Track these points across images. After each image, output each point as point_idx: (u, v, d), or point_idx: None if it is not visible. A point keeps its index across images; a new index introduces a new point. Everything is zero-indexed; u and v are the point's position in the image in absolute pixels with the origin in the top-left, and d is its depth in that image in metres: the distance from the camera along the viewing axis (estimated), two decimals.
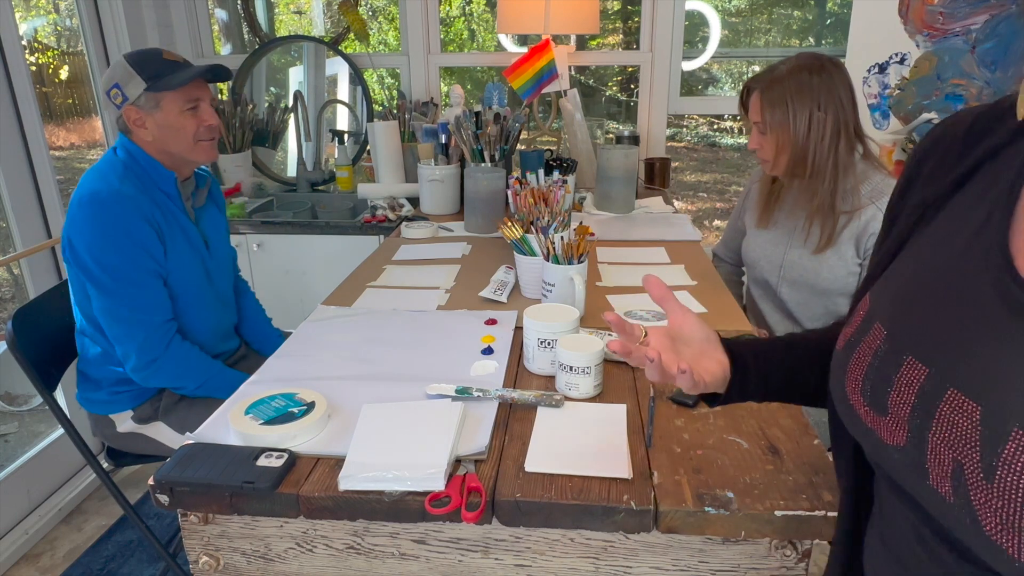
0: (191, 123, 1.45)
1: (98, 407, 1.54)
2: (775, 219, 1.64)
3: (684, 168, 6.67)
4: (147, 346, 1.41)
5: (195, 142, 1.47)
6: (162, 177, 1.47)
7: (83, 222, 1.37)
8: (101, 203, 1.37)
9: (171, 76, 1.41)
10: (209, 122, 1.48)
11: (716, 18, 3.02)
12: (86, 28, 2.39)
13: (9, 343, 1.41)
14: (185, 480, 0.87)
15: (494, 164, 2.18)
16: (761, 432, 0.96)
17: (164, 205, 1.47)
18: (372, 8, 4.84)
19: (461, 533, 0.88)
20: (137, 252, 1.39)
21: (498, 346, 1.25)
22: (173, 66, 1.43)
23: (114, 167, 1.43)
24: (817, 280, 1.53)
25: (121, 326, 1.41)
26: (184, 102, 1.43)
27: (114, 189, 1.38)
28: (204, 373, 1.49)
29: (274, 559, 0.92)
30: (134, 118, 1.43)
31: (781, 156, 1.48)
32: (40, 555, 2.02)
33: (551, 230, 1.38)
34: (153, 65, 1.42)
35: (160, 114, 1.43)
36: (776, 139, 1.46)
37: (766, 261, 1.63)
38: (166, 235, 1.45)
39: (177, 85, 1.41)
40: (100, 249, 1.36)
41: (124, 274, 1.38)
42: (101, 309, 1.41)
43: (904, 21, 2.27)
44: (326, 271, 2.35)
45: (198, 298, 1.55)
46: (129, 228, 1.38)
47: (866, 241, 1.47)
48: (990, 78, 2.27)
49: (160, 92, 1.41)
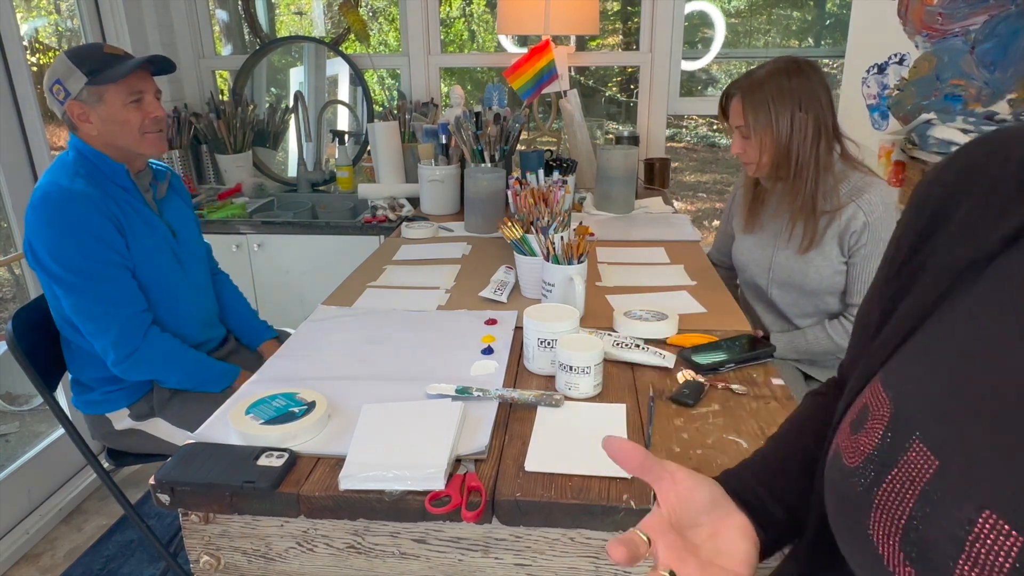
0: (135, 116, 1.43)
1: (93, 408, 1.54)
2: (760, 222, 1.65)
3: (684, 168, 6.67)
4: (123, 339, 1.41)
5: (141, 134, 1.45)
6: (113, 170, 1.46)
7: (38, 224, 1.36)
8: (52, 203, 1.36)
9: (111, 69, 1.40)
10: (154, 114, 1.46)
11: (721, 19, 3.02)
12: (87, 29, 2.39)
13: (9, 343, 1.42)
14: (186, 480, 0.87)
15: (494, 164, 2.18)
16: (761, 432, 0.97)
17: (120, 198, 1.46)
18: (372, 9, 4.85)
19: (461, 532, 0.88)
20: (97, 247, 1.38)
21: (498, 346, 1.25)
22: (114, 59, 1.41)
23: (64, 166, 1.43)
24: (805, 281, 1.54)
25: (93, 322, 1.40)
26: (127, 94, 1.42)
27: (64, 188, 1.37)
28: (188, 364, 1.48)
29: (275, 559, 0.93)
30: (78, 113, 1.42)
31: (765, 158, 1.50)
32: (40, 555, 2.02)
33: (551, 230, 1.38)
34: (94, 59, 1.40)
35: (103, 108, 1.41)
36: (759, 142, 1.48)
37: (755, 264, 1.64)
38: (126, 226, 1.44)
39: (118, 77, 1.40)
40: (59, 248, 1.36)
41: (87, 270, 1.37)
42: (72, 308, 1.40)
43: (903, 22, 2.27)
44: (326, 271, 2.36)
45: (172, 286, 1.54)
46: (85, 224, 1.37)
47: (848, 239, 1.48)
48: (989, 78, 2.28)
49: (102, 85, 1.40)
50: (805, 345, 1.56)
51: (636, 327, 1.27)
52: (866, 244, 1.47)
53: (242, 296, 1.85)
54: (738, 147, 1.53)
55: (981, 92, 2.29)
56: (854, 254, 1.49)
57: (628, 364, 1.18)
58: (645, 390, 1.09)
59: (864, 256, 1.48)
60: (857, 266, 1.49)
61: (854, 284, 1.51)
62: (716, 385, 1.10)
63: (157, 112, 1.47)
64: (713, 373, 1.14)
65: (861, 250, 1.48)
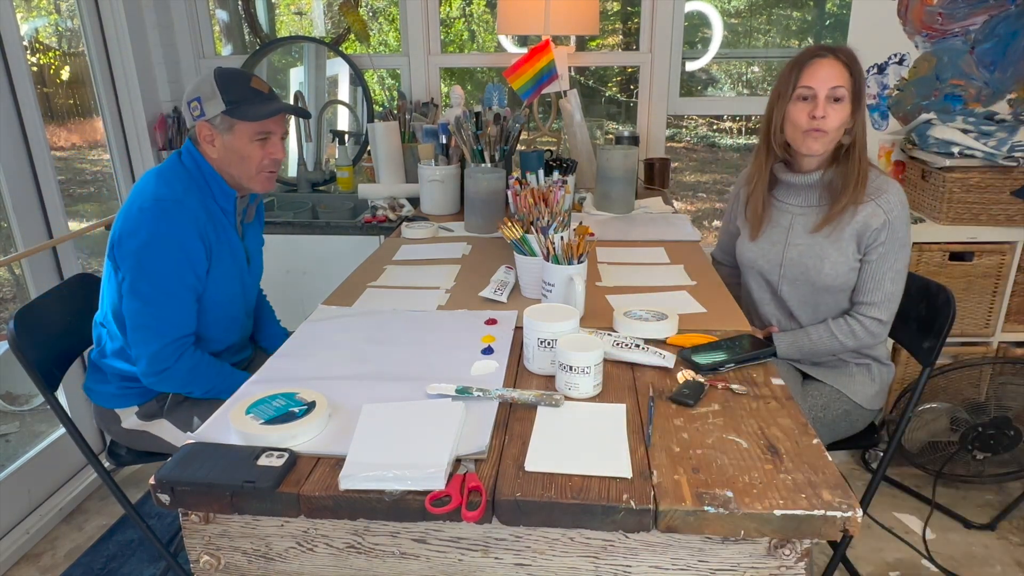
0: (258, 153, 1.46)
1: (105, 400, 1.54)
2: (770, 217, 1.63)
3: (683, 168, 6.67)
4: (159, 357, 1.42)
5: (257, 172, 1.48)
6: (223, 194, 1.49)
7: (142, 225, 1.37)
8: (164, 210, 1.38)
9: (251, 106, 1.42)
10: (275, 156, 1.48)
11: (718, 19, 3.02)
12: (87, 29, 2.39)
13: (11, 343, 1.42)
14: (186, 479, 0.87)
15: (494, 164, 2.18)
16: (760, 432, 0.97)
17: (218, 221, 1.48)
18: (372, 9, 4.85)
19: (461, 532, 0.88)
20: (183, 265, 1.40)
21: (498, 346, 1.25)
22: (257, 95, 1.44)
23: (179, 175, 1.44)
24: (819, 277, 1.53)
25: (141, 332, 1.41)
26: (256, 132, 1.44)
27: (178, 198, 1.40)
28: (212, 379, 1.49)
29: (275, 558, 0.93)
30: (205, 134, 1.44)
31: (842, 131, 1.48)
32: (41, 555, 2.02)
33: (551, 230, 1.38)
34: (238, 90, 1.42)
35: (230, 137, 1.44)
36: (844, 112, 1.45)
37: (765, 260, 1.63)
38: (214, 252, 1.46)
39: (254, 118, 1.42)
40: (149, 254, 1.37)
41: (163, 285, 1.39)
42: (129, 310, 1.41)
43: (903, 22, 2.27)
44: (326, 271, 2.36)
45: (229, 313, 1.57)
46: (183, 241, 1.39)
47: (868, 237, 1.49)
48: (989, 78, 2.28)
49: (236, 118, 1.42)
50: (809, 344, 1.56)
51: (636, 327, 1.27)
52: (884, 243, 1.47)
53: (273, 313, 1.88)
54: (822, 110, 1.44)
55: (981, 92, 2.29)
56: (870, 251, 1.49)
57: (628, 364, 1.18)
58: (645, 390, 1.10)
59: (880, 255, 1.48)
60: (872, 264, 1.50)
61: (867, 282, 1.51)
62: (716, 385, 1.10)
63: (278, 155, 1.49)
64: (713, 373, 1.14)
65: (879, 248, 1.48)
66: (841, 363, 1.61)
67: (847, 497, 0.82)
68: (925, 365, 1.53)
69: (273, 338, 1.81)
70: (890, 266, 1.49)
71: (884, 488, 2.28)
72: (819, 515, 0.80)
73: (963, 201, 2.11)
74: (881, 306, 1.51)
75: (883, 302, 1.51)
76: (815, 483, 0.85)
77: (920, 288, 1.58)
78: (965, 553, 1.98)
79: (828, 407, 1.57)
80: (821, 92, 1.44)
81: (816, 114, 1.44)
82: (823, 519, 0.80)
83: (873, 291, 1.50)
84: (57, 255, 2.20)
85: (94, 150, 2.83)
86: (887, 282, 1.50)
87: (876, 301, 1.51)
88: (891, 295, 1.51)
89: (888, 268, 1.49)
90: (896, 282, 1.50)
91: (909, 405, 1.56)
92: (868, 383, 1.59)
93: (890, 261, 1.49)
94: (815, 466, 0.88)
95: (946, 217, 2.13)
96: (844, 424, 1.59)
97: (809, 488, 0.84)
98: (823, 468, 0.88)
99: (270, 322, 1.85)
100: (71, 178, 3.03)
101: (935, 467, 2.22)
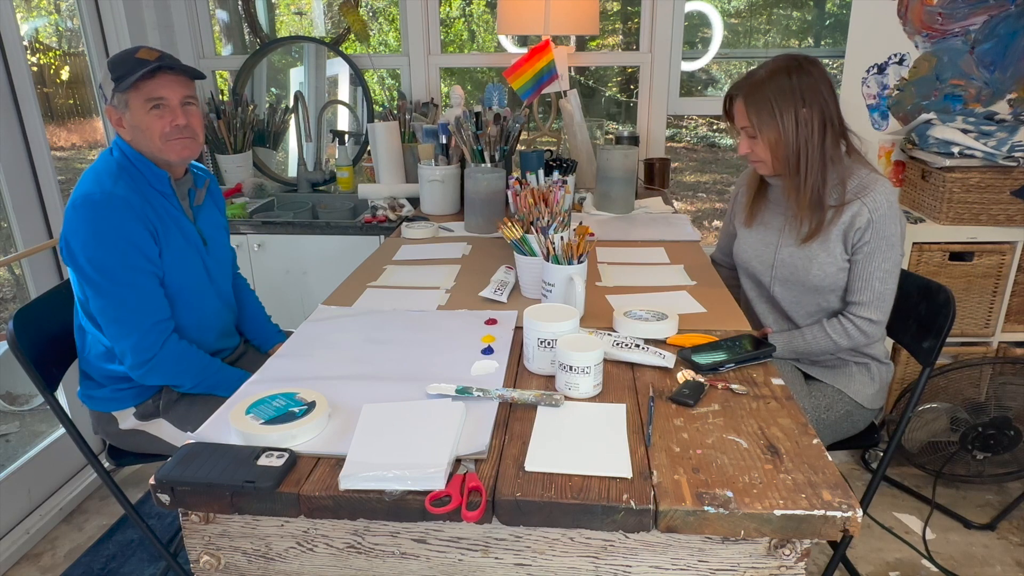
0: (156, 123, 1.42)
1: (100, 404, 1.54)
2: (763, 218, 1.65)
3: (683, 168, 6.67)
4: (142, 346, 1.42)
5: (163, 142, 1.44)
6: (156, 176, 1.47)
7: (78, 224, 1.37)
8: (94, 205, 1.37)
9: (133, 76, 1.38)
10: (177, 122, 1.44)
11: (719, 19, 3.02)
12: (87, 29, 2.39)
13: (10, 343, 1.42)
14: (186, 479, 0.87)
15: (494, 164, 2.18)
16: (760, 432, 0.97)
17: (159, 204, 1.47)
18: (372, 9, 4.85)
19: (461, 532, 0.88)
20: (131, 253, 1.39)
21: (498, 346, 1.25)
22: (140, 64, 1.39)
23: (108, 168, 1.43)
24: (808, 278, 1.54)
25: (116, 326, 1.41)
26: (145, 100, 1.41)
27: (107, 191, 1.38)
28: (202, 371, 1.49)
29: (275, 558, 0.93)
30: (114, 119, 1.43)
31: (775, 157, 1.50)
32: (41, 555, 2.02)
33: (551, 230, 1.38)
34: (125, 65, 1.40)
35: (129, 113, 1.42)
36: (766, 141, 1.49)
37: (758, 261, 1.64)
38: (161, 235, 1.45)
39: (129, 86, 1.39)
40: (94, 251, 1.37)
41: (118, 275, 1.39)
42: (97, 309, 1.42)
43: (903, 22, 2.27)
44: (326, 271, 2.36)
45: (198, 296, 1.55)
46: (123, 230, 1.38)
47: (853, 236, 1.48)
48: (989, 78, 2.28)
49: (126, 92, 1.40)
50: (803, 345, 1.56)
51: (636, 327, 1.27)
52: (869, 241, 1.47)
53: (258, 300, 1.86)
54: (745, 147, 1.53)
55: (981, 92, 2.29)
56: (857, 251, 1.49)
57: (628, 364, 1.18)
58: (645, 390, 1.10)
59: (867, 254, 1.48)
60: (859, 263, 1.49)
61: (855, 282, 1.51)
62: (716, 385, 1.10)
63: (178, 120, 1.44)
64: (713, 373, 1.14)
65: (864, 247, 1.47)
66: (840, 362, 1.61)
67: (847, 497, 0.82)
68: (925, 365, 1.53)
69: (257, 325, 1.80)
70: (878, 265, 1.48)
71: (884, 488, 2.28)
72: (819, 515, 0.80)
73: (963, 201, 2.11)
74: (871, 306, 1.50)
75: (873, 301, 1.50)
76: (815, 483, 0.85)
77: (920, 288, 1.58)
78: (965, 553, 1.98)
79: (831, 408, 1.57)
80: (743, 132, 1.53)
81: (743, 152, 1.55)
82: (823, 519, 0.80)
83: (862, 291, 1.50)
84: (57, 255, 2.20)
85: (94, 150, 2.83)
86: (876, 281, 1.49)
87: (866, 301, 1.50)
88: (881, 294, 1.50)
89: (876, 267, 1.48)
90: (885, 281, 1.49)
91: (909, 405, 1.55)
92: (868, 382, 1.59)
93: (877, 260, 1.48)
94: (815, 466, 0.88)
95: (946, 217, 2.13)
96: (846, 424, 1.59)
97: (809, 488, 0.84)
98: (823, 468, 0.88)
99: (254, 311, 1.82)
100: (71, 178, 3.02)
101: (935, 467, 2.22)
